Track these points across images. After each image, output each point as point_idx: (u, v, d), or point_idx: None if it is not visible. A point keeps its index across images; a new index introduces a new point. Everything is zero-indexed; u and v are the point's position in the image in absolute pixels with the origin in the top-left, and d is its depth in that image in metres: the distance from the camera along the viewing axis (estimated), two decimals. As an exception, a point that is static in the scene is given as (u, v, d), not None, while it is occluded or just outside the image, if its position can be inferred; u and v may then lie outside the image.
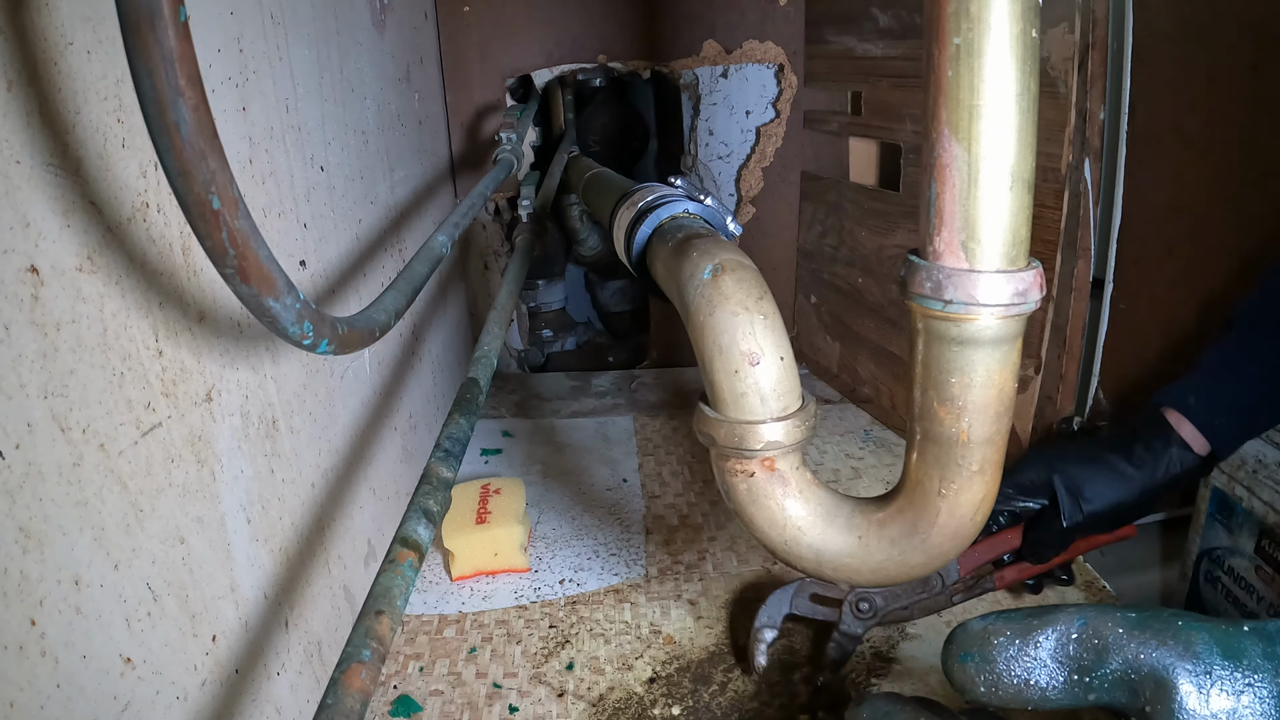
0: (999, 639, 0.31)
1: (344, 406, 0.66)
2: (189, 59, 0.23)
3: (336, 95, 0.68)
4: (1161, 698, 0.28)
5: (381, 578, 0.30)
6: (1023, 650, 0.31)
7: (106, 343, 0.36)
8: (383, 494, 0.75)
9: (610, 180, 0.74)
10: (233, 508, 0.47)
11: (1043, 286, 0.29)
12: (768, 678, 0.66)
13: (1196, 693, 0.27)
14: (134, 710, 0.37)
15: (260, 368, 0.51)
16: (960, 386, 0.30)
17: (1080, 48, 0.74)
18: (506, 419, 1.16)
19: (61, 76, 0.33)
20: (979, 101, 0.27)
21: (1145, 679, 0.28)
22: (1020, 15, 0.27)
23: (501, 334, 0.53)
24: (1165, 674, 0.28)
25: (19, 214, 0.31)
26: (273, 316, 0.28)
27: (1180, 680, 0.28)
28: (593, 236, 1.29)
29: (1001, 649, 0.31)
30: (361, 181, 0.74)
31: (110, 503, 0.36)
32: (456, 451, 0.39)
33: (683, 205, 0.47)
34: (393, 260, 0.82)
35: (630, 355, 1.49)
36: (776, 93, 1.24)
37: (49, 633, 0.32)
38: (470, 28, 1.18)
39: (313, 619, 0.57)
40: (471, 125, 1.22)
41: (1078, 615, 0.30)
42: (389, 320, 0.41)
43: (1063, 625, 0.30)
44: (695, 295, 0.36)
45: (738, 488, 0.38)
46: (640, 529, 0.87)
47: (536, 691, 0.66)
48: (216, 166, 0.24)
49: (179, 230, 0.42)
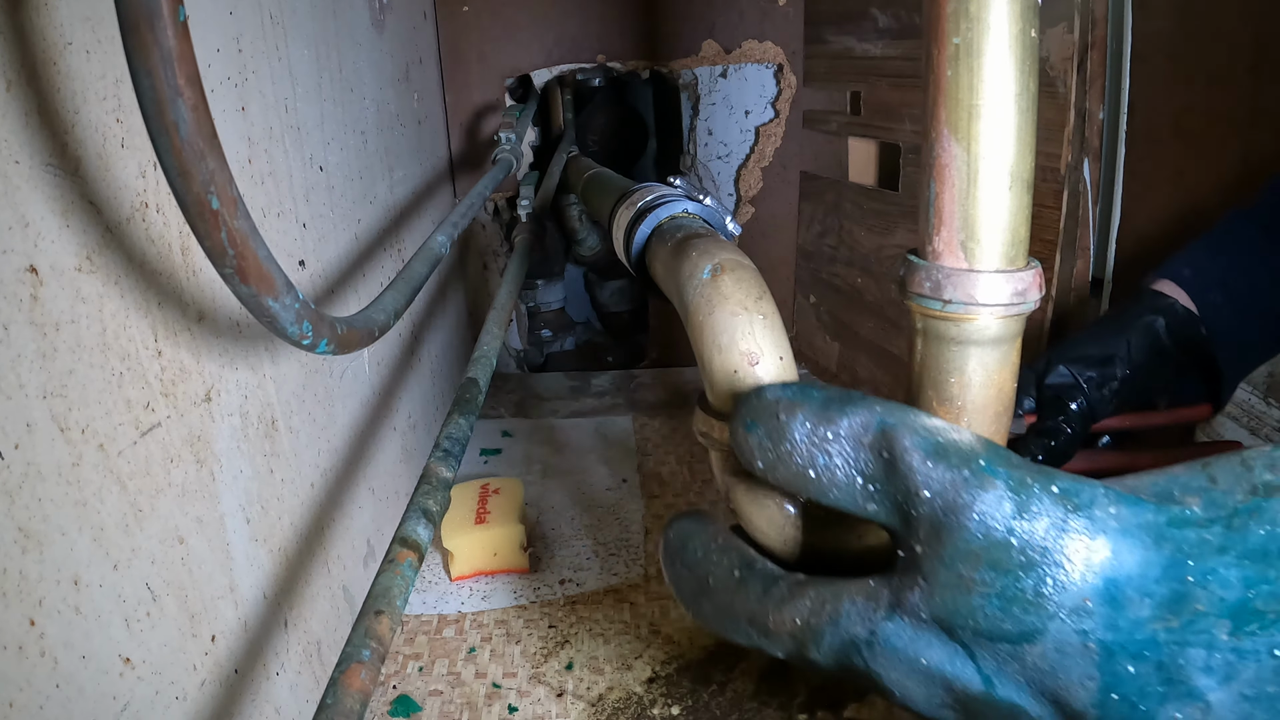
0: (790, 417, 0.27)
1: (343, 406, 0.66)
2: (188, 59, 0.23)
3: (335, 95, 0.68)
4: (934, 544, 0.24)
5: (381, 578, 0.30)
6: (813, 436, 0.26)
7: (106, 343, 0.36)
8: (382, 494, 0.75)
9: (609, 180, 0.74)
10: (232, 508, 0.47)
11: (1042, 286, 0.29)
12: (766, 677, 0.66)
13: (962, 548, 0.23)
14: (133, 710, 0.37)
15: (259, 368, 0.51)
16: (959, 386, 0.30)
17: (1079, 47, 0.74)
18: (506, 419, 1.16)
19: (60, 76, 0.33)
20: (978, 101, 0.27)
21: (922, 517, 0.25)
22: (1020, 15, 0.27)
23: (500, 334, 0.53)
24: (940, 518, 0.24)
25: (18, 214, 0.31)
26: (272, 316, 0.28)
27: (954, 527, 0.24)
28: (592, 236, 1.29)
29: (790, 427, 0.27)
30: (360, 181, 0.74)
31: (109, 503, 0.36)
32: (456, 451, 0.39)
33: (682, 205, 0.47)
34: (392, 260, 0.82)
35: (629, 355, 1.49)
36: (775, 93, 1.24)
37: (48, 633, 0.32)
38: (469, 28, 1.18)
39: (312, 619, 0.57)
40: (470, 125, 1.22)
41: (880, 416, 0.26)
42: (388, 320, 0.41)
43: (860, 422, 0.26)
44: (694, 295, 0.36)
45: (737, 488, 0.38)
46: (639, 529, 0.87)
47: (536, 691, 0.66)
48: (215, 166, 0.24)
49: (178, 230, 0.42)
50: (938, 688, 0.25)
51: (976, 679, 0.24)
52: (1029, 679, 0.24)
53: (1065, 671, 0.23)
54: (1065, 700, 0.23)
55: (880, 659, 0.26)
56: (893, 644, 0.25)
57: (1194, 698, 0.21)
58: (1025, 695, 0.24)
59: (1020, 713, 0.24)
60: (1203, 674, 0.21)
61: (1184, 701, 0.22)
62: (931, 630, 0.25)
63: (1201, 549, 0.22)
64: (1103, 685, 0.22)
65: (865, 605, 0.26)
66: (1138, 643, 0.22)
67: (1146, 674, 0.22)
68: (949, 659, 0.25)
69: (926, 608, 0.25)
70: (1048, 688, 0.23)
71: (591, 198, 0.76)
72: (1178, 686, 0.22)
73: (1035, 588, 0.23)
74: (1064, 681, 0.23)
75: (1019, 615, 0.23)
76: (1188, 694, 0.22)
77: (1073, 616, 0.23)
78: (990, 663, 0.24)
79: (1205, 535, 0.22)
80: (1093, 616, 0.22)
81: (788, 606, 0.28)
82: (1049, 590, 0.23)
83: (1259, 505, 0.22)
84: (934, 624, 0.25)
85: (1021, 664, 0.24)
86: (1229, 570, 0.22)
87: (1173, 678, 0.22)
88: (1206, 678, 0.21)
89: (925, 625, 0.25)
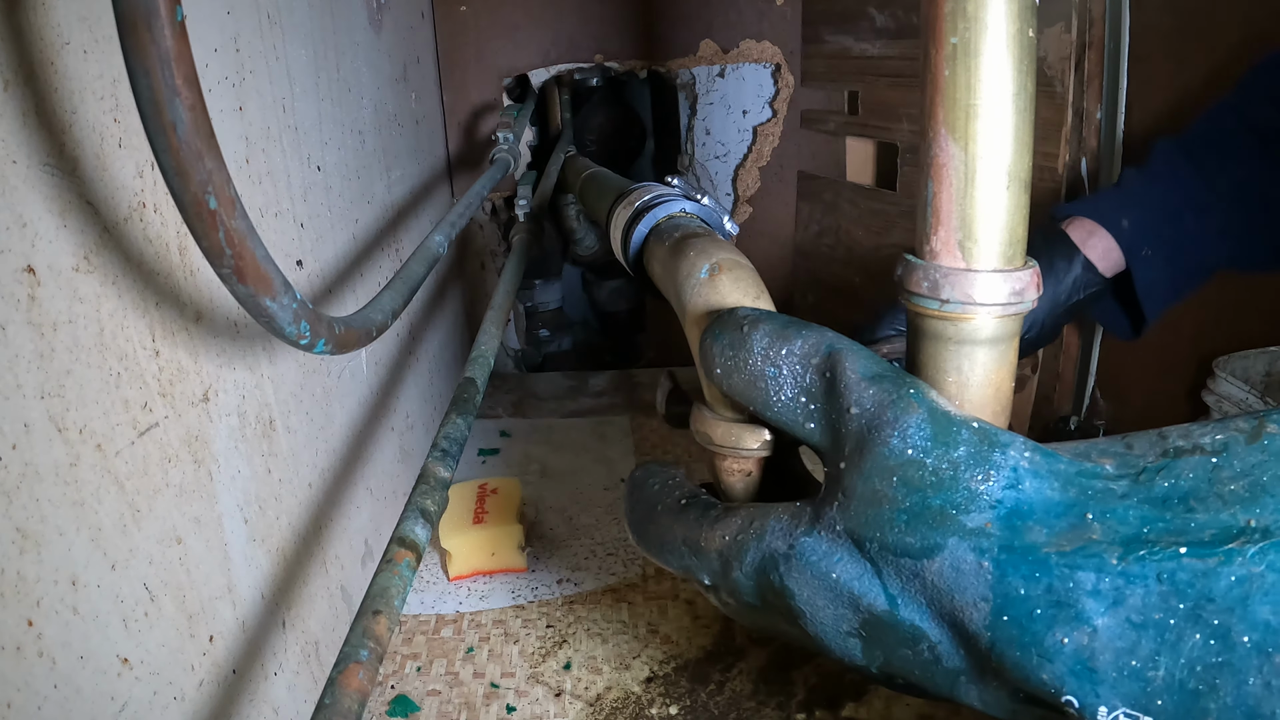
0: (751, 330, 0.29)
1: (341, 406, 0.66)
2: (186, 59, 0.23)
3: (333, 95, 0.68)
4: (855, 459, 0.26)
5: (379, 578, 0.30)
6: (769, 350, 0.29)
7: (103, 343, 0.36)
8: (380, 494, 0.75)
9: (607, 180, 0.74)
10: (230, 508, 0.47)
11: (1039, 285, 0.29)
12: (765, 675, 0.66)
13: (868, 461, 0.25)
14: (131, 711, 0.37)
15: (257, 368, 0.51)
16: (957, 385, 0.30)
17: (1077, 47, 0.74)
18: (504, 419, 1.16)
19: (58, 76, 0.33)
20: (976, 101, 0.27)
21: (849, 434, 0.26)
22: (1017, 14, 0.27)
23: (498, 334, 0.53)
24: (865, 434, 0.26)
25: (15, 214, 0.31)
26: (270, 316, 0.28)
27: (876, 443, 0.25)
28: (589, 236, 1.29)
29: (750, 339, 0.29)
30: (358, 181, 0.74)
31: (107, 503, 0.36)
32: (454, 451, 0.39)
33: (679, 205, 0.47)
34: (390, 260, 0.81)
35: (627, 355, 1.49)
36: (773, 92, 1.24)
37: (46, 633, 0.32)
38: (467, 27, 1.17)
39: (310, 619, 0.57)
40: (468, 125, 1.21)
41: (830, 341, 0.28)
42: (386, 320, 0.41)
43: (812, 344, 0.28)
44: (692, 294, 0.36)
45: (735, 487, 0.38)
46: (638, 528, 0.87)
47: (534, 691, 0.66)
48: (213, 166, 0.24)
49: (176, 230, 0.42)
50: (845, 608, 0.26)
51: (881, 597, 0.26)
52: (929, 600, 0.25)
53: (961, 591, 0.24)
54: (961, 622, 0.24)
55: (794, 574, 0.27)
56: (808, 558, 0.27)
57: (1082, 621, 0.22)
58: (926, 618, 0.25)
59: (920, 635, 0.25)
60: (1091, 598, 0.22)
61: (1072, 625, 0.22)
62: (844, 545, 0.26)
63: (1105, 495, 0.23)
64: (995, 607, 0.23)
65: (789, 522, 0.28)
66: (1030, 564, 0.23)
67: (1037, 596, 0.23)
68: (858, 576, 0.26)
69: (842, 520, 0.26)
70: (946, 609, 0.24)
71: (589, 197, 0.76)
72: (1066, 610, 0.22)
73: (941, 507, 0.24)
74: (960, 602, 0.24)
75: (923, 530, 0.24)
76: (1076, 617, 0.22)
77: (972, 536, 0.24)
78: (895, 581, 0.25)
79: (1111, 485, 0.23)
80: (990, 538, 0.23)
81: (720, 525, 0.30)
82: (953, 511, 0.24)
83: (1167, 464, 0.23)
84: (847, 538, 0.26)
85: (923, 582, 0.25)
86: (1128, 511, 0.23)
87: (1062, 600, 0.22)
88: (1095, 601, 0.22)
89: (839, 540, 0.26)
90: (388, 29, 0.88)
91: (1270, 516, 0.21)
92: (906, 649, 0.26)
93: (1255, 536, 0.21)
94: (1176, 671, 0.21)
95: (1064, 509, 0.23)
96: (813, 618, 0.27)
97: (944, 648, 0.25)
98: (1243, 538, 0.21)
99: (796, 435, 0.29)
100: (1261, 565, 0.20)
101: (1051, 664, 0.22)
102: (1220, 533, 0.21)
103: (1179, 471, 0.23)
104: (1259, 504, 0.21)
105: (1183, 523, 0.22)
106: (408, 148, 0.96)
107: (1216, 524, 0.21)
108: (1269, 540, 0.20)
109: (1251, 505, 0.21)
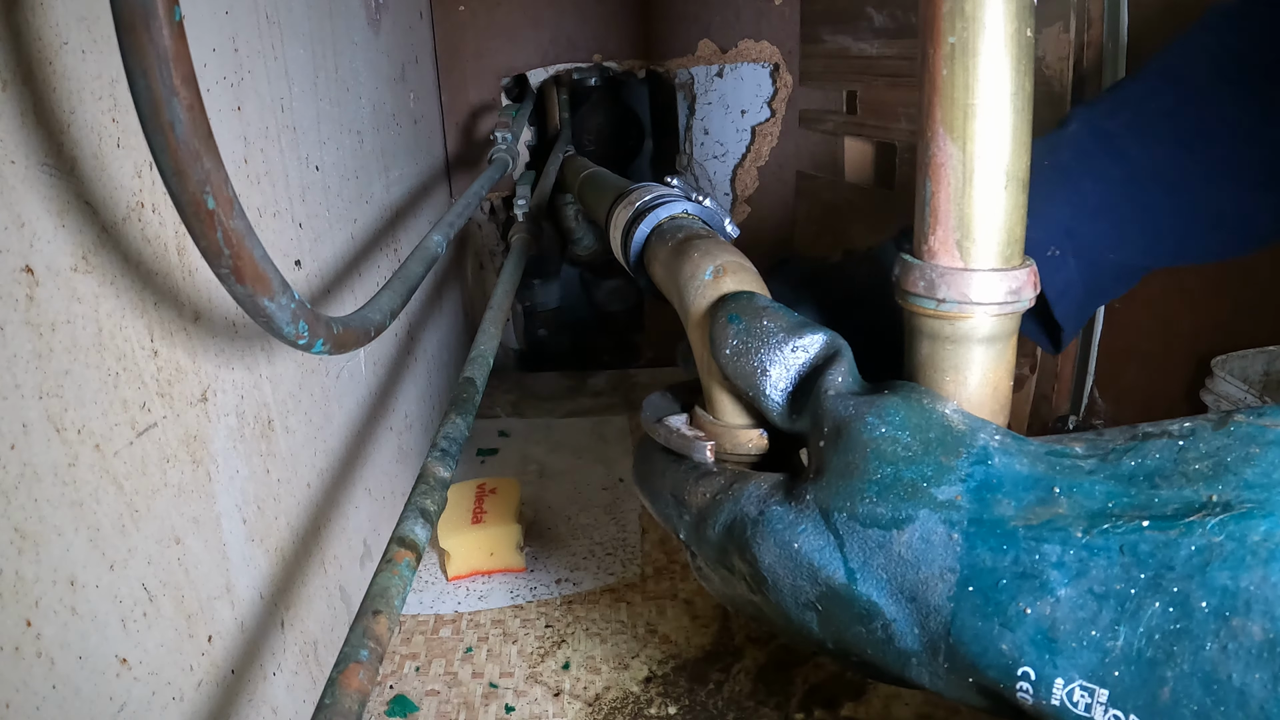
0: (769, 324, 0.31)
1: (339, 406, 0.66)
2: (184, 59, 0.23)
3: (332, 95, 0.68)
4: (834, 438, 0.27)
5: (379, 578, 0.30)
6: (779, 345, 0.30)
7: (102, 343, 0.36)
8: (379, 494, 0.75)
9: (606, 180, 0.74)
10: (228, 508, 0.47)
11: (1037, 285, 0.29)
12: (764, 675, 0.66)
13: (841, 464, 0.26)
14: (130, 711, 0.37)
15: (255, 368, 0.51)
16: (955, 385, 0.30)
17: (1075, 47, 0.75)
18: (503, 419, 1.16)
19: (56, 76, 0.33)
20: (974, 100, 0.27)
21: (830, 418, 0.28)
22: (1015, 14, 0.27)
23: (497, 333, 0.53)
24: (845, 419, 0.27)
25: (14, 214, 0.31)
26: (268, 316, 0.28)
27: (855, 419, 0.27)
28: (588, 236, 1.29)
29: (765, 333, 0.31)
30: (357, 181, 0.74)
31: (106, 503, 0.36)
32: (453, 451, 0.39)
33: (681, 205, 0.47)
34: (388, 260, 0.81)
35: (626, 354, 1.49)
36: (772, 92, 1.24)
37: (45, 634, 0.32)
38: (465, 27, 1.17)
39: (309, 619, 0.57)
40: (467, 125, 1.21)
41: (831, 340, 0.30)
42: (384, 320, 0.41)
43: (815, 339, 0.30)
44: (696, 296, 0.36)
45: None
46: (636, 528, 0.87)
47: (533, 691, 0.66)
48: (211, 166, 0.24)
49: (174, 230, 0.42)
50: (804, 579, 0.27)
51: (841, 570, 0.26)
52: (891, 575, 0.25)
53: (928, 563, 0.24)
54: (924, 596, 0.24)
55: (758, 540, 0.28)
56: (774, 525, 0.28)
57: (1046, 591, 0.22)
58: (884, 594, 0.25)
59: (876, 612, 0.26)
60: (1055, 569, 0.22)
61: (1036, 595, 0.22)
62: (810, 516, 0.27)
63: (1073, 470, 0.24)
64: (961, 578, 0.24)
65: (766, 490, 0.29)
66: (998, 536, 0.23)
67: (1003, 566, 0.23)
68: (819, 548, 0.27)
69: (812, 492, 0.27)
70: (908, 583, 0.25)
71: (588, 197, 0.76)
72: (1031, 580, 0.23)
73: (913, 480, 0.25)
74: (925, 574, 0.24)
75: (894, 501, 0.25)
76: (1040, 587, 0.22)
77: (943, 509, 0.24)
78: (857, 555, 0.26)
79: (1079, 463, 0.24)
80: (960, 510, 0.24)
81: (704, 482, 0.32)
82: (924, 484, 0.25)
83: (1135, 445, 0.24)
84: (815, 509, 0.27)
85: (887, 555, 0.25)
86: (1094, 486, 0.23)
87: (1027, 571, 0.23)
88: (1059, 572, 0.22)
89: (806, 510, 0.27)
90: (386, 29, 0.88)
91: (1232, 492, 0.21)
92: (860, 625, 0.26)
93: (1217, 510, 0.21)
94: (1135, 641, 0.21)
95: (1032, 483, 0.24)
96: (774, 585, 0.28)
97: (898, 626, 0.25)
98: (1204, 511, 0.21)
99: (788, 426, 0.30)
100: (1221, 535, 0.21)
101: (1013, 633, 0.23)
102: (1183, 507, 0.22)
103: (1146, 452, 0.23)
104: (1221, 481, 0.22)
105: (1147, 498, 0.22)
106: (406, 148, 0.96)
107: (1179, 499, 0.22)
108: (1230, 513, 0.21)
109: (1214, 482, 0.22)
